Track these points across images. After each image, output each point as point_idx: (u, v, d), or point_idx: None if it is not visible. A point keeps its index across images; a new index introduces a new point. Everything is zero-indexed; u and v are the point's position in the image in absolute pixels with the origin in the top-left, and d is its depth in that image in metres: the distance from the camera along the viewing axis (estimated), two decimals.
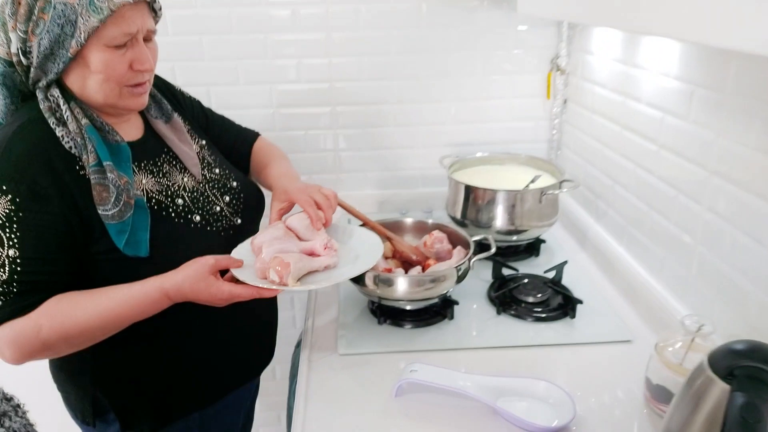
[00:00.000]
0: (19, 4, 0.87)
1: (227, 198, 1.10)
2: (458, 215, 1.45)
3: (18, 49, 0.89)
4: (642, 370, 0.98)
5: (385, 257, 1.24)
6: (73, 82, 0.93)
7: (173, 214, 1.00)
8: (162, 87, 1.16)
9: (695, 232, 1.08)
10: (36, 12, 0.86)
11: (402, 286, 1.12)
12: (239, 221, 1.09)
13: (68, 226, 0.89)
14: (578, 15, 0.78)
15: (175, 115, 1.11)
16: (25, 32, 0.88)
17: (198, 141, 1.14)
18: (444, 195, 1.54)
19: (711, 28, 0.58)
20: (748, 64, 0.92)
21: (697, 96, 1.05)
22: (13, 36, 0.89)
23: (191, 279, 0.91)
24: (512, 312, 1.20)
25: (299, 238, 1.07)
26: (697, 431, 0.73)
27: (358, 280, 1.14)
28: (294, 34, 1.61)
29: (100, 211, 0.90)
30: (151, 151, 1.05)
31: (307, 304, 1.32)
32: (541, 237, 1.49)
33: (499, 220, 1.38)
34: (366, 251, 1.08)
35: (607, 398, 0.99)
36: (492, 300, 1.25)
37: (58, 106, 0.91)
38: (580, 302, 1.18)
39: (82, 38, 0.86)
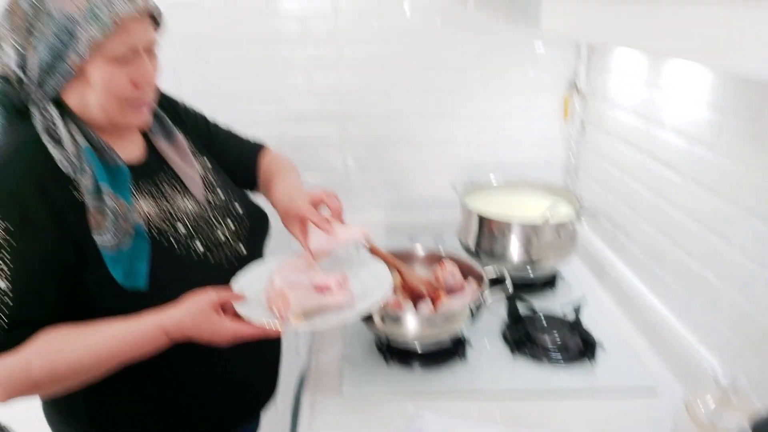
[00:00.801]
0: (17, 16, 0.82)
1: (231, 223, 1.03)
2: (471, 245, 1.38)
3: (16, 64, 0.84)
4: (667, 425, 0.91)
5: (393, 290, 1.18)
6: (72, 98, 0.87)
7: (174, 243, 0.94)
8: (164, 103, 1.10)
9: (722, 272, 1.02)
10: (34, 24, 0.81)
11: (411, 325, 1.06)
12: (243, 250, 1.03)
13: (62, 255, 0.84)
14: (606, 34, 0.74)
15: (178, 133, 1.06)
16: (23, 45, 0.82)
17: (201, 162, 1.09)
18: (455, 219, 1.47)
19: (749, 55, 0.52)
20: None
21: (728, 126, 0.99)
22: (10, 50, 0.84)
23: (192, 315, 0.85)
24: (528, 353, 1.14)
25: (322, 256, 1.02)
26: None
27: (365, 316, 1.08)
28: (304, 48, 1.56)
29: (96, 239, 0.84)
30: (151, 171, 0.99)
31: (311, 339, 1.26)
32: (558, 270, 1.42)
33: (515, 252, 1.32)
34: (374, 285, 1.02)
35: None
36: (507, 340, 1.18)
37: (55, 125, 0.86)
38: (601, 346, 1.12)
39: (83, 51, 0.81)
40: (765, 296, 0.91)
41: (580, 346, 1.15)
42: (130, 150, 0.97)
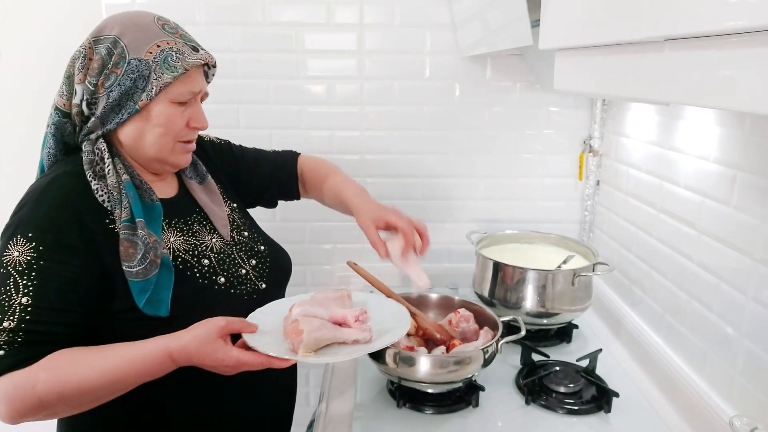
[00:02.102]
0: (91, 59, 0.92)
1: (253, 261, 1.08)
2: (486, 293, 1.39)
3: (82, 100, 0.93)
4: None
5: (408, 334, 1.19)
6: (127, 133, 0.95)
7: (198, 275, 0.97)
8: (200, 147, 1.17)
9: (740, 324, 1.01)
10: (109, 66, 0.91)
11: (424, 366, 1.06)
12: (264, 286, 1.06)
13: (89, 279, 0.87)
14: (616, 90, 0.77)
15: (209, 176, 1.13)
16: (95, 84, 0.92)
17: (229, 203, 1.14)
18: (470, 272, 1.49)
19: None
20: None
21: (739, 180, 1.01)
22: (79, 88, 0.93)
23: (198, 341, 0.85)
24: (542, 402, 1.12)
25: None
26: None
27: (377, 357, 1.08)
28: (329, 107, 1.65)
29: (124, 267, 0.88)
30: (182, 209, 1.05)
31: (323, 382, 1.25)
32: (574, 322, 1.41)
33: (529, 301, 1.32)
34: (392, 324, 1.01)
35: None
36: (520, 388, 1.17)
37: (102, 159, 0.93)
38: (617, 395, 1.10)
39: (153, 92, 0.91)
40: None
41: (595, 396, 1.13)
42: (164, 188, 1.05)
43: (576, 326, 1.42)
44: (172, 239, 0.99)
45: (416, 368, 1.06)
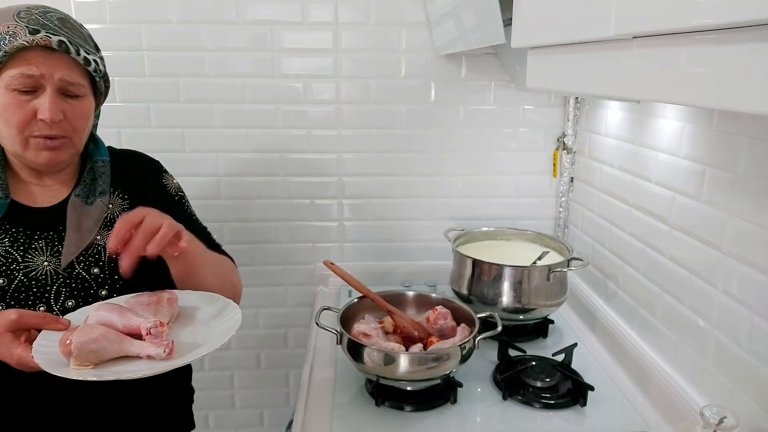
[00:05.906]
0: None
1: (71, 303, 0.94)
2: (463, 290, 1.40)
3: None
4: None
5: (386, 332, 1.19)
6: None
7: None
8: (137, 167, 1.07)
9: (710, 316, 1.03)
10: None
11: (402, 364, 1.06)
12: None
13: None
14: (587, 88, 0.78)
15: (102, 201, 0.99)
16: None
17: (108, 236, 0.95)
18: (448, 269, 1.50)
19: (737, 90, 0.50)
20: (759, 143, 0.91)
21: (708, 175, 1.04)
22: None
23: None
24: (519, 397, 1.13)
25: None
26: None
27: (355, 356, 1.08)
28: (305, 106, 1.64)
29: None
30: (43, 222, 0.96)
31: (300, 383, 1.25)
32: (549, 317, 1.43)
33: (506, 297, 1.33)
34: (217, 331, 0.88)
35: None
36: (497, 383, 1.18)
37: None
38: (592, 389, 1.11)
39: None
40: (750, 337, 0.93)
41: (571, 389, 1.15)
42: (48, 195, 0.98)
43: (552, 321, 1.44)
44: None
45: (395, 366, 1.06)
